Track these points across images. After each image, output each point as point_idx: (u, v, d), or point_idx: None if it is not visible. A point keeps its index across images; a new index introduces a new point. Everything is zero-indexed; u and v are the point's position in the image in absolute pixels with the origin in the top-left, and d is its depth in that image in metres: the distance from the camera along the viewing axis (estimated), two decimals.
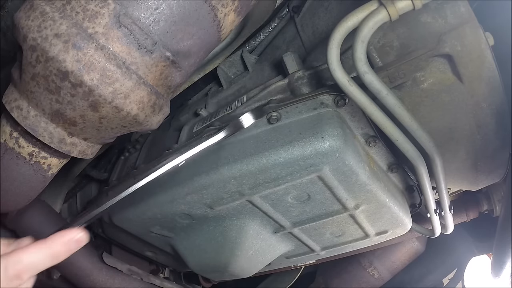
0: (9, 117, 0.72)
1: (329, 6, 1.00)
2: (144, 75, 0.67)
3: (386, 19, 0.69)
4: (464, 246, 1.79)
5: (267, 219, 0.99)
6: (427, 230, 1.18)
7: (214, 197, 0.90)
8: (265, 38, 1.16)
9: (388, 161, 0.97)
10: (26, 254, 0.50)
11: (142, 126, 0.73)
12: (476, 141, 0.88)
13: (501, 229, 0.92)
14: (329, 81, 0.90)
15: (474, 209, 1.49)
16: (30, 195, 0.84)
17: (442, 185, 0.93)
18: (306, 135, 0.81)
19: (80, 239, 0.54)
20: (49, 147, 0.73)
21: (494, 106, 0.84)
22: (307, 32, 1.03)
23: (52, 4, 0.63)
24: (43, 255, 0.51)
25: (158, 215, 0.99)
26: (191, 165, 0.89)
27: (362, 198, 0.91)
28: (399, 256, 1.81)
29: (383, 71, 0.84)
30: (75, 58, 0.62)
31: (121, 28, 0.64)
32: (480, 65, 0.80)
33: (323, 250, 1.17)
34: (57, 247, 0.52)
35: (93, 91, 0.64)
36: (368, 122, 0.88)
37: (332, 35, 0.73)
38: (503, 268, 0.99)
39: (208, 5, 0.69)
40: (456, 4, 0.77)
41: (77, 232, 0.54)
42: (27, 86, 0.68)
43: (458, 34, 0.78)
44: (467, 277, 1.85)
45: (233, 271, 1.11)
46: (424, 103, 0.86)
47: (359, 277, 1.86)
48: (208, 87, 1.20)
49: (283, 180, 0.85)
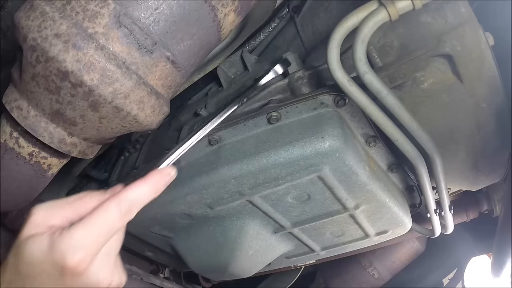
0: (9, 117, 0.72)
1: (329, 6, 1.00)
2: (144, 75, 0.67)
3: (386, 19, 0.69)
4: (464, 246, 1.79)
5: (267, 219, 0.99)
6: (427, 230, 1.18)
7: (214, 197, 0.90)
8: (265, 38, 1.16)
9: (388, 161, 0.97)
10: (132, 191, 0.58)
11: (142, 126, 0.73)
12: (476, 141, 0.88)
13: (501, 229, 0.92)
14: (329, 81, 0.90)
15: (474, 209, 1.49)
16: (30, 195, 0.84)
17: (442, 185, 0.93)
18: (306, 135, 0.81)
19: (172, 174, 0.62)
20: (49, 147, 0.73)
21: (494, 106, 0.84)
22: (307, 32, 1.03)
23: (52, 4, 0.63)
24: (145, 190, 0.59)
25: (158, 215, 0.99)
26: (191, 165, 0.90)
27: (362, 198, 0.91)
28: (399, 256, 1.81)
29: (383, 71, 0.84)
30: (75, 58, 0.62)
31: (121, 28, 0.64)
32: (480, 65, 0.80)
33: (323, 250, 1.17)
34: (155, 181, 0.60)
35: (93, 91, 0.64)
36: (368, 122, 0.88)
37: (332, 35, 0.73)
38: (503, 268, 0.99)
39: (208, 5, 0.69)
40: (456, 4, 0.77)
41: (170, 169, 0.63)
42: (27, 86, 0.68)
43: (458, 34, 0.78)
44: (467, 277, 1.85)
45: (233, 271, 1.11)
46: (424, 103, 0.86)
47: (359, 277, 1.86)
48: (208, 87, 1.20)
49: (283, 180, 0.85)
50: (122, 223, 0.57)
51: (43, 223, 0.55)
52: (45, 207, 0.57)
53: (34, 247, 0.54)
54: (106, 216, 0.55)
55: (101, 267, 0.56)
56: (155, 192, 0.60)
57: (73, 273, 0.53)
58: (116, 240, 0.59)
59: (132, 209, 0.58)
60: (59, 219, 0.56)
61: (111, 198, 0.57)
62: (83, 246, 0.53)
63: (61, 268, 0.53)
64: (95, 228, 0.54)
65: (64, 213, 0.57)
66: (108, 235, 0.56)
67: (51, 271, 0.54)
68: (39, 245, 0.54)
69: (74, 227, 0.54)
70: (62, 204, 0.58)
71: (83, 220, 0.54)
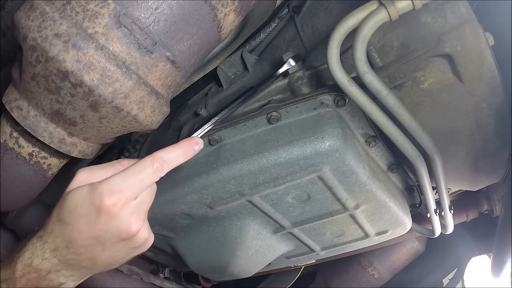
0: (9, 117, 0.73)
1: (329, 6, 1.00)
2: (144, 75, 0.68)
3: (386, 19, 0.69)
4: (464, 246, 1.79)
5: (267, 219, 0.99)
6: (427, 230, 1.18)
7: (214, 197, 0.91)
8: (265, 38, 1.16)
9: (388, 161, 0.97)
10: (165, 152, 0.66)
11: (142, 126, 0.73)
12: (476, 141, 0.88)
13: (501, 229, 0.92)
14: (329, 81, 0.90)
15: (474, 209, 1.49)
16: (30, 195, 0.84)
17: (442, 185, 0.93)
18: (306, 135, 0.81)
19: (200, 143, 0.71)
20: (49, 147, 0.73)
21: (494, 106, 0.84)
22: (307, 32, 1.03)
23: (52, 4, 0.63)
24: (177, 153, 0.67)
25: (158, 215, 0.99)
26: (191, 165, 0.90)
27: (362, 198, 0.91)
28: (399, 256, 1.81)
29: (383, 71, 0.84)
30: (75, 58, 0.62)
31: (121, 28, 0.64)
32: (480, 65, 0.80)
33: (323, 250, 1.17)
34: (186, 147, 0.68)
35: (93, 91, 0.64)
36: (368, 122, 0.88)
37: (332, 35, 0.73)
38: (503, 268, 0.99)
39: (208, 5, 0.69)
40: (456, 4, 0.77)
41: (198, 139, 0.71)
42: (27, 86, 0.68)
43: (458, 34, 0.78)
44: (467, 277, 1.85)
45: (233, 271, 1.11)
46: (424, 103, 0.86)
47: (359, 277, 1.86)
48: (208, 87, 1.20)
49: (283, 180, 0.85)
50: (155, 177, 0.64)
51: (85, 181, 0.64)
52: (87, 168, 0.66)
53: (76, 194, 0.62)
54: (141, 169, 0.63)
55: (133, 213, 0.62)
56: (184, 156, 0.68)
57: (108, 212, 0.60)
58: (148, 195, 0.65)
59: (164, 166, 0.65)
60: (100, 178, 0.63)
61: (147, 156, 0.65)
62: (119, 190, 0.60)
63: (98, 207, 0.59)
64: (131, 177, 0.62)
65: (104, 173, 0.65)
66: (142, 186, 0.63)
67: (89, 212, 0.60)
68: (80, 192, 0.61)
69: (113, 176, 0.62)
70: (103, 166, 0.67)
71: (121, 172, 0.63)
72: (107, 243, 0.62)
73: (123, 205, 0.60)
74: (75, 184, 0.63)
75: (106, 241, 0.62)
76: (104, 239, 0.62)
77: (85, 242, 0.62)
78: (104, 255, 0.64)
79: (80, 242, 0.62)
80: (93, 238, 0.62)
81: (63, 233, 0.62)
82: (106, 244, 0.63)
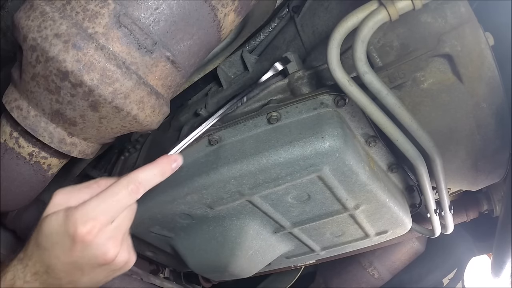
0: (9, 117, 0.73)
1: (329, 6, 1.00)
2: (144, 75, 0.68)
3: (386, 19, 0.69)
4: (464, 246, 1.79)
5: (267, 219, 0.99)
6: (427, 230, 1.18)
7: (214, 197, 0.90)
8: (265, 38, 1.16)
9: (388, 161, 0.97)
10: (141, 172, 0.64)
11: (142, 126, 0.73)
12: (476, 141, 0.88)
13: (501, 229, 0.92)
14: (329, 81, 0.90)
15: (474, 209, 1.49)
16: (30, 195, 0.84)
17: (442, 185, 0.93)
18: (306, 135, 0.81)
19: (179, 161, 0.68)
20: (49, 147, 0.73)
21: (494, 106, 0.84)
22: (307, 32, 1.03)
23: (52, 4, 0.63)
24: (154, 172, 0.65)
25: (158, 215, 0.99)
26: (191, 165, 0.90)
27: (362, 198, 0.91)
28: (399, 256, 1.81)
29: (383, 71, 0.84)
30: (75, 58, 0.62)
31: (121, 28, 0.64)
32: (480, 65, 0.80)
33: (323, 250, 1.17)
34: (163, 165, 0.66)
35: (93, 91, 0.64)
36: (368, 122, 0.88)
37: (332, 35, 0.73)
38: (503, 268, 0.99)
39: (208, 5, 0.69)
40: (456, 4, 0.77)
41: (177, 156, 0.69)
42: (27, 86, 0.68)
43: (458, 34, 0.78)
44: (467, 277, 1.85)
45: (233, 271, 1.11)
46: (424, 103, 0.86)
47: (359, 277, 1.86)
48: (208, 87, 1.20)
49: (283, 180, 0.85)
50: (130, 200, 0.63)
51: (62, 204, 0.62)
52: (65, 190, 0.64)
53: (52, 220, 0.61)
54: (116, 192, 0.61)
55: (109, 239, 0.61)
56: (162, 175, 0.66)
57: (83, 240, 0.59)
58: (126, 217, 0.64)
59: (140, 188, 0.63)
60: (77, 201, 0.62)
61: (122, 177, 0.63)
62: (93, 217, 0.59)
63: (73, 236, 0.59)
64: (105, 202, 0.60)
65: (81, 195, 0.63)
66: (118, 208, 0.62)
67: (64, 240, 0.60)
68: (56, 219, 0.60)
69: (87, 201, 0.60)
70: (80, 188, 0.65)
71: (96, 196, 0.61)
72: (85, 268, 0.62)
73: (98, 231, 0.59)
74: (52, 208, 0.62)
75: (84, 267, 0.62)
76: (82, 265, 0.62)
77: (64, 268, 0.62)
78: (84, 279, 0.64)
79: (59, 267, 0.62)
80: (71, 264, 0.61)
81: (42, 259, 0.62)
82: (85, 269, 0.62)
